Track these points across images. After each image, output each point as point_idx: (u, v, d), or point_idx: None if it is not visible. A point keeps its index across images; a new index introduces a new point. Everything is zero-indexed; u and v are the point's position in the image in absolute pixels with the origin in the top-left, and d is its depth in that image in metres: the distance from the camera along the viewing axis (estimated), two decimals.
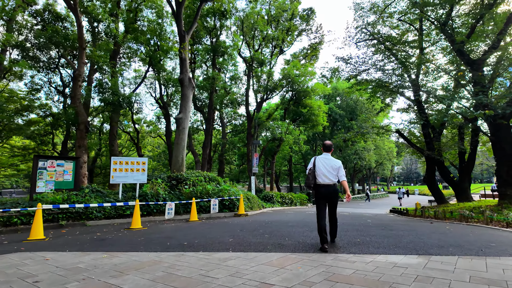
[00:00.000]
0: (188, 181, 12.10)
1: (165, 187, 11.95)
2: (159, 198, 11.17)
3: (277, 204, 20.64)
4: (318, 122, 26.48)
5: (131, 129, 34.29)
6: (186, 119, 13.71)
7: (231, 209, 12.32)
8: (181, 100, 13.99)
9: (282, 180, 58.08)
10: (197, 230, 7.81)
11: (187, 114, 13.79)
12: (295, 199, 23.75)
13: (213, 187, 12.53)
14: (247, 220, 10.10)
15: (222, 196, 12.23)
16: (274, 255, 4.75)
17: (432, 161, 17.93)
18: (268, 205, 18.55)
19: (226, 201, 12.16)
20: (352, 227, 8.12)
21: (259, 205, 16.70)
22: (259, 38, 25.31)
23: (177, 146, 13.58)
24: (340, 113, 36.40)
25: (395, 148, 59.18)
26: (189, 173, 13.41)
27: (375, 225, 8.91)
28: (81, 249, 5.50)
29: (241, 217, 11.32)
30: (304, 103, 25.96)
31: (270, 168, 27.83)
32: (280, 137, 24.77)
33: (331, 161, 5.25)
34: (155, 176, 12.93)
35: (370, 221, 10.07)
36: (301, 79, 24.50)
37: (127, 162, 11.22)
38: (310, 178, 5.21)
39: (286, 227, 8.17)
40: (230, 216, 11.83)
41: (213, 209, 11.17)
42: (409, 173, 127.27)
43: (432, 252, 4.94)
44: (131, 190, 12.13)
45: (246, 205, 13.87)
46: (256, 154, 21.03)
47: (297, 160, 49.26)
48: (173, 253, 5.00)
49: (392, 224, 9.27)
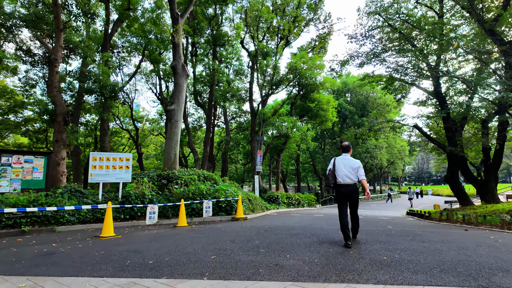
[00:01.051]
0: (180, 180, 10.63)
1: (153, 187, 10.52)
2: (144, 200, 9.74)
3: (283, 205, 19.08)
4: (327, 117, 24.75)
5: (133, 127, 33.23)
6: (179, 111, 12.27)
7: (229, 211, 10.82)
8: (174, 90, 12.55)
9: (289, 180, 56.42)
10: (178, 240, 6.32)
11: (181, 105, 12.34)
12: (303, 200, 22.16)
13: (208, 187, 11.05)
14: (244, 226, 8.58)
15: (218, 197, 10.74)
16: (266, 286, 3.23)
17: (455, 158, 16.13)
18: (272, 207, 17.01)
19: (223, 203, 10.66)
20: (372, 237, 6.51)
21: (262, 206, 15.17)
22: (264, 29, 23.74)
23: (168, 141, 12.14)
24: (350, 109, 34.58)
25: (407, 147, 56.97)
26: (182, 171, 11.96)
27: (399, 233, 7.28)
28: (4, 271, 4.06)
29: (238, 222, 9.80)
30: (312, 98, 24.28)
31: (276, 167, 26.24)
32: (286, 134, 23.17)
33: (350, 161, 5.41)
34: (142, 174, 11.51)
35: (391, 227, 8.45)
36: (308, 72, 22.87)
37: (108, 158, 9.82)
38: (330, 178, 5.43)
39: (289, 236, 6.62)
40: (227, 220, 10.33)
41: (206, 212, 9.68)
42: (420, 172, 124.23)
43: (498, 281, 3.34)
44: (115, 190, 10.73)
45: (247, 207, 12.36)
46: (260, 152, 19.49)
47: (305, 159, 47.52)
48: (123, 281, 3.51)
49: (420, 231, 7.62)
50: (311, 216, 12.81)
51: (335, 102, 26.72)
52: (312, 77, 22.75)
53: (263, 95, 23.73)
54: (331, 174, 5.42)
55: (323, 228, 8.08)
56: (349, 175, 5.27)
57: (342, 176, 5.30)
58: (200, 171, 12.31)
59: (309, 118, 25.58)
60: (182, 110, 12.54)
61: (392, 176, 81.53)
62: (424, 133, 17.14)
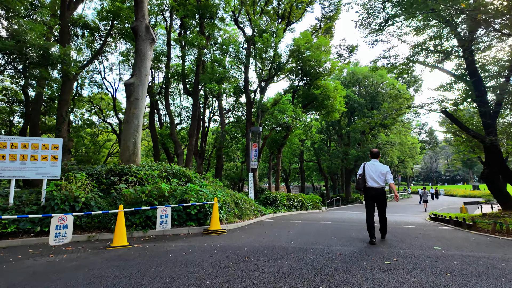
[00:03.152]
0: (131, 177, 7.62)
1: (94, 185, 7.55)
2: (75, 204, 6.77)
3: (282, 208, 16.01)
4: (334, 107, 21.57)
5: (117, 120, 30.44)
6: (141, 86, 9.29)
7: (201, 221, 7.81)
8: (135, 58, 9.57)
9: (292, 180, 53.27)
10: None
11: (143, 78, 9.35)
12: (306, 201, 19.06)
13: (174, 187, 8.04)
14: (212, 247, 5.56)
15: (188, 200, 7.72)
16: None
17: (495, 151, 12.98)
18: (268, 211, 13.97)
19: (192, 208, 7.63)
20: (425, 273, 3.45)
21: (255, 211, 12.14)
22: (261, 4, 20.63)
23: (126, 125, 9.16)
24: (359, 101, 31.33)
25: (419, 144, 53.65)
26: (144, 165, 8.96)
27: (475, 273, 4.20)
28: None
29: (210, 237, 6.78)
30: (316, 84, 21.16)
31: (276, 164, 23.17)
32: (287, 125, 20.07)
33: (379, 166, 5.81)
34: (86, 168, 8.52)
35: (440, 248, 5.36)
36: (313, 56, 19.77)
37: (24, 145, 6.86)
38: (360, 182, 5.81)
39: (276, 274, 3.59)
40: (196, 234, 7.32)
41: (162, 223, 6.61)
42: (429, 172, 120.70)
43: None
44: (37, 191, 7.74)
45: (231, 213, 9.34)
46: (255, 145, 16.44)
47: (309, 157, 44.35)
48: None
49: (496, 259, 4.53)
50: (316, 225, 9.74)
51: (344, 91, 23.53)
52: (317, 59, 19.61)
53: (260, 81, 20.63)
54: (361, 179, 5.78)
55: (334, 251, 5.03)
56: (378, 179, 5.66)
57: (370, 181, 5.68)
58: (169, 165, 9.30)
59: (314, 108, 22.41)
60: (146, 85, 9.54)
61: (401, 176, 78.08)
62: (455, 120, 13.93)
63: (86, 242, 6.24)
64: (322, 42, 20.78)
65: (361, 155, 31.46)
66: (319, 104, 21.55)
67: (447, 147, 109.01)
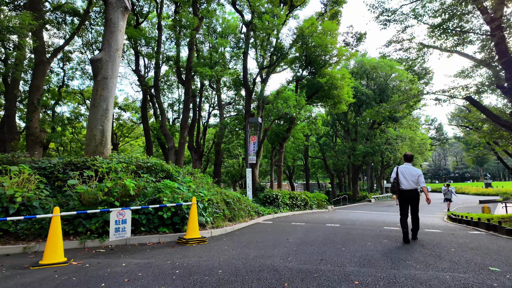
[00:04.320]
0: (88, 172, 6.04)
1: (41, 180, 6.01)
2: (10, 206, 5.23)
3: (284, 208, 14.39)
4: (341, 98, 19.80)
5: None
6: (110, 63, 7.71)
7: (178, 226, 6.24)
8: (104, 30, 7.99)
9: (297, 177, 51.51)
10: None
11: (113, 54, 7.77)
12: (311, 200, 17.40)
13: (144, 184, 6.46)
14: (174, 269, 3.96)
15: (161, 200, 6.14)
16: None
17: None
18: (268, 211, 12.35)
19: (166, 211, 6.04)
20: None
21: (251, 212, 10.53)
22: None
23: (93, 110, 7.59)
24: (367, 93, 29.44)
25: (428, 140, 51.61)
26: (114, 157, 7.39)
27: None
28: None
29: (184, 249, 5.20)
30: (322, 73, 19.41)
31: (279, 160, 21.51)
32: (290, 117, 18.37)
33: (412, 170, 6.11)
34: (30, 161, 6.96)
35: (499, 269, 3.69)
36: (318, 42, 18.06)
37: None
38: (395, 185, 6.19)
39: None
40: (168, 243, 5.75)
41: (118, 231, 4.97)
42: (437, 169, 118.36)
43: None
44: None
45: (219, 216, 7.76)
46: (253, 138, 14.80)
47: (314, 153, 42.59)
48: None
49: None
50: (321, 229, 8.10)
51: (351, 80, 21.72)
52: (323, 45, 17.88)
53: (261, 69, 18.91)
54: (395, 182, 6.17)
55: (349, 277, 3.40)
56: (411, 182, 6.00)
57: (404, 183, 6.05)
58: (141, 157, 7.71)
59: (319, 99, 20.64)
60: (117, 62, 7.93)
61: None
62: (482, 108, 12.13)
63: (16, 257, 4.69)
64: (328, 27, 19.02)
65: (370, 150, 29.64)
66: (325, 94, 19.80)
67: (456, 143, 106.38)
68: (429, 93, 13.54)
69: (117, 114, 32.22)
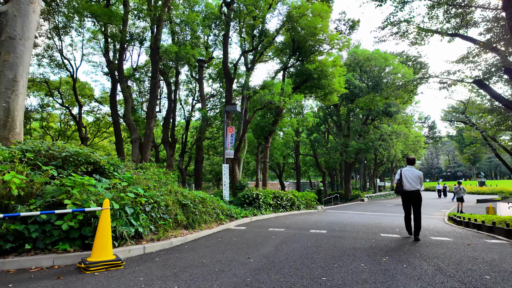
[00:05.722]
0: None
1: None
2: None
3: (267, 209, 12.52)
4: (333, 88, 18.02)
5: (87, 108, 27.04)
6: (20, 19, 5.72)
7: (88, 241, 4.32)
8: None
9: (287, 176, 49.75)
10: None
11: (25, 7, 5.77)
12: (298, 199, 15.59)
13: (41, 180, 4.51)
14: None
15: (65, 203, 4.21)
16: None
17: None
18: (244, 213, 10.46)
19: (68, 220, 4.11)
20: None
21: (220, 215, 8.64)
22: None
23: None
24: (360, 86, 27.76)
25: (422, 138, 50.38)
26: (21, 142, 5.43)
27: None
28: None
29: (74, 283, 3.28)
30: (311, 60, 17.59)
31: (264, 156, 19.64)
32: (276, 107, 16.52)
33: (415, 172, 6.61)
34: None
35: None
36: (307, 23, 16.25)
37: None
38: (399, 187, 6.67)
39: None
40: (64, 268, 3.84)
41: None
42: (429, 168, 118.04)
43: None
44: None
45: (167, 223, 5.86)
46: (231, 129, 12.90)
47: (305, 151, 40.86)
48: None
49: None
50: (302, 238, 6.25)
51: (343, 68, 19.93)
52: (312, 26, 16.07)
53: (243, 52, 16.99)
54: (399, 184, 6.65)
55: None
56: (413, 183, 6.51)
57: (407, 184, 6.55)
58: (59, 145, 5.75)
59: (308, 89, 18.80)
60: (32, 20, 5.92)
61: None
62: (493, 93, 10.44)
63: None
64: (318, 9, 17.20)
65: (363, 147, 27.98)
66: (315, 84, 17.98)
67: (448, 142, 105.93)
68: (431, 76, 11.80)
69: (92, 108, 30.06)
